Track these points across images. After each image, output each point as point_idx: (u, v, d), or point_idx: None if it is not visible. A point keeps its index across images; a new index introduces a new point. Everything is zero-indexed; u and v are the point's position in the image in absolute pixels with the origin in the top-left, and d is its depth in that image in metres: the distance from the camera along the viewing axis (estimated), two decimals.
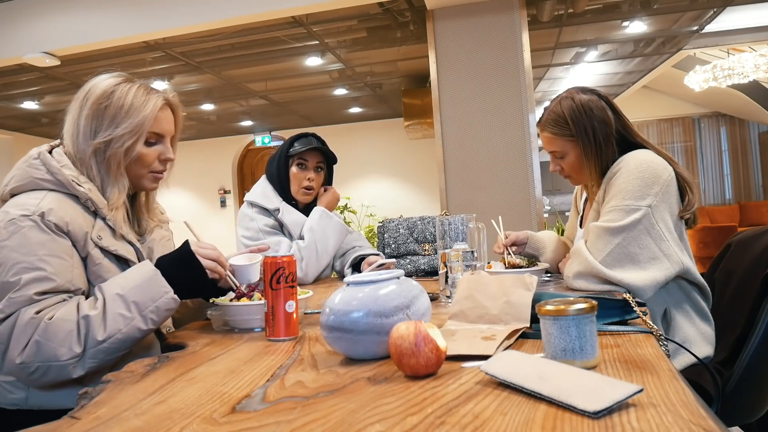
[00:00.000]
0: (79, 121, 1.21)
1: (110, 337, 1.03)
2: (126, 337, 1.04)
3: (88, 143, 1.20)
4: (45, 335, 1.00)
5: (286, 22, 4.82)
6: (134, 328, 1.05)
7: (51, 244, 1.08)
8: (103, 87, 1.22)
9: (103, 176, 1.21)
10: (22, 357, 1.00)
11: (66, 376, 1.02)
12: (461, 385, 0.68)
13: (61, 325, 1.01)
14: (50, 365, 1.00)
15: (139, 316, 1.06)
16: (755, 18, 5.77)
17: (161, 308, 1.08)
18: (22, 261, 1.04)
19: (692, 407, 0.55)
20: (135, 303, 1.06)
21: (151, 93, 1.25)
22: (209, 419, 0.63)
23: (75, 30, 4.47)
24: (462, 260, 1.31)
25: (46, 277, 1.05)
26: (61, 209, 1.12)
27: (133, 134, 1.20)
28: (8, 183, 1.18)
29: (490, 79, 4.09)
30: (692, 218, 1.43)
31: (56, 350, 1.00)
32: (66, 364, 1.00)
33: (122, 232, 1.22)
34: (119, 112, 1.20)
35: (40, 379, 1.02)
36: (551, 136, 1.54)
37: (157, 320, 1.08)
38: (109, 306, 1.04)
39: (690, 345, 1.35)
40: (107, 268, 1.16)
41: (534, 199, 3.99)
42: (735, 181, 10.05)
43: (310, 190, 2.03)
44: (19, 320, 1.01)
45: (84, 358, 1.02)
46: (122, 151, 1.20)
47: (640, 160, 1.40)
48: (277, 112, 8.58)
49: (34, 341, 1.00)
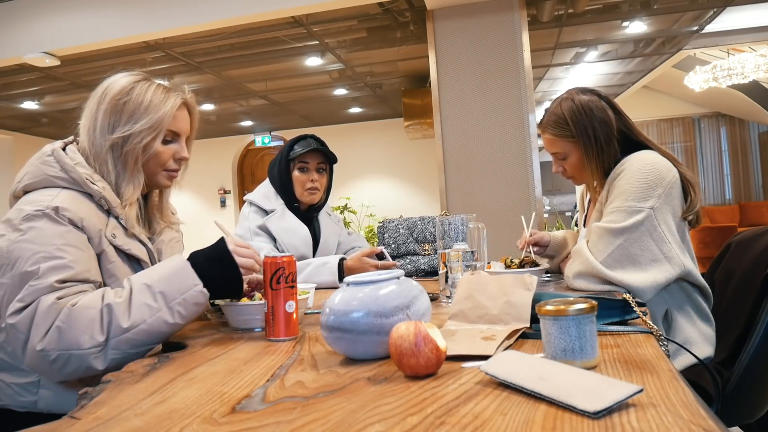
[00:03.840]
0: (97, 115, 1.21)
1: (134, 327, 0.99)
2: (151, 329, 1.01)
3: (105, 138, 1.19)
4: (67, 321, 0.97)
5: (286, 22, 4.82)
6: (160, 320, 1.02)
7: (68, 235, 1.07)
8: (122, 83, 1.22)
9: (119, 172, 1.20)
10: (43, 344, 0.96)
11: (87, 367, 0.98)
12: (461, 385, 0.68)
13: (84, 312, 0.98)
14: (71, 354, 0.97)
15: (165, 307, 1.02)
16: (755, 18, 5.77)
17: (189, 301, 1.04)
18: (40, 251, 1.03)
19: (692, 407, 0.55)
20: (162, 293, 1.03)
21: (170, 92, 1.25)
22: (209, 419, 0.63)
23: (75, 30, 4.47)
24: (462, 260, 1.31)
25: (65, 265, 1.03)
26: (75, 206, 1.11)
27: (152, 131, 1.20)
28: (21, 180, 1.17)
29: (490, 79, 4.09)
30: (695, 218, 1.43)
31: (78, 338, 0.96)
32: (88, 353, 0.97)
33: (134, 231, 1.21)
34: (138, 108, 1.20)
35: (61, 370, 0.98)
36: (552, 138, 1.54)
37: (184, 314, 1.04)
38: (135, 295, 1.01)
39: (690, 346, 1.35)
40: (120, 267, 1.16)
41: (534, 199, 3.99)
42: (735, 181, 10.05)
43: (315, 191, 2.03)
44: (40, 306, 0.98)
45: (106, 348, 0.98)
46: (140, 147, 1.20)
47: (644, 161, 1.40)
48: (277, 112, 8.58)
49: (55, 327, 0.97)
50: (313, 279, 1.78)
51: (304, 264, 1.84)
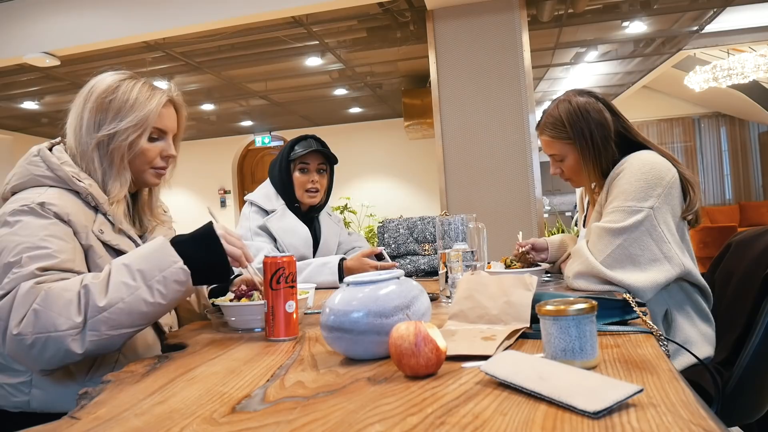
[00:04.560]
0: (83, 114, 1.21)
1: (111, 306, 0.97)
2: (129, 307, 0.98)
3: (91, 136, 1.20)
4: (44, 303, 0.95)
5: (286, 22, 4.82)
6: (139, 298, 0.99)
7: (53, 227, 1.07)
8: (108, 82, 1.23)
9: (105, 169, 1.21)
10: (19, 327, 0.95)
11: (66, 351, 0.96)
12: (461, 386, 0.68)
13: (62, 294, 0.97)
14: (48, 336, 0.94)
15: (144, 285, 1.00)
16: (755, 18, 5.77)
17: (169, 279, 1.01)
18: (23, 242, 1.03)
19: (692, 407, 0.55)
20: (140, 271, 1.00)
21: (156, 90, 1.26)
22: (209, 419, 0.63)
23: (75, 30, 4.47)
24: (462, 260, 1.31)
25: (48, 255, 1.03)
26: (61, 202, 1.12)
27: (137, 128, 1.21)
28: (9, 181, 1.18)
29: (490, 79, 4.10)
30: (694, 218, 1.43)
31: (55, 319, 0.95)
32: (65, 335, 0.95)
33: (122, 227, 1.21)
34: (124, 106, 1.20)
35: (40, 355, 0.96)
36: (549, 140, 1.55)
37: (164, 292, 1.01)
38: (113, 275, 1.00)
39: (690, 346, 1.35)
40: (109, 263, 1.16)
41: (534, 199, 3.99)
42: (735, 181, 10.05)
43: (315, 192, 2.03)
44: (19, 292, 0.97)
45: (84, 330, 0.96)
46: (126, 145, 1.21)
47: (643, 161, 1.40)
48: (277, 112, 8.58)
49: (32, 310, 0.95)
50: (314, 279, 1.78)
51: (304, 264, 1.84)
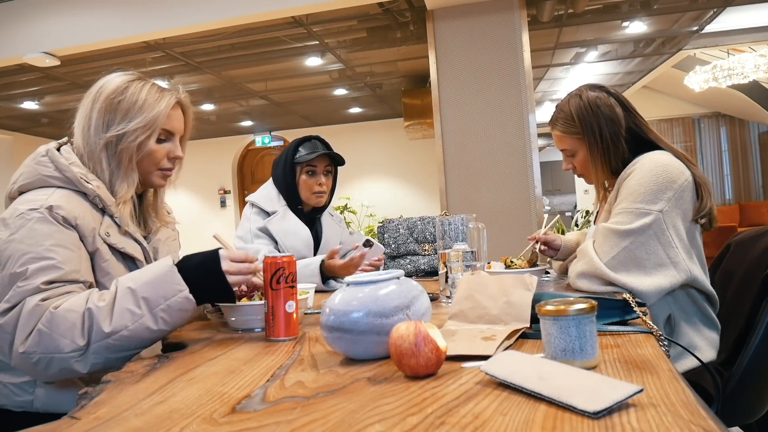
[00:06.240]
0: (92, 114, 1.21)
1: (115, 333, 0.98)
2: (132, 335, 0.99)
3: (99, 136, 1.20)
4: (49, 325, 0.97)
5: (286, 22, 4.82)
6: (142, 326, 1.00)
7: (58, 235, 1.07)
8: (117, 83, 1.23)
9: (113, 170, 1.21)
10: (25, 346, 0.97)
11: (71, 370, 0.98)
12: (461, 386, 0.68)
13: (66, 316, 0.98)
14: (52, 357, 0.97)
15: (149, 314, 1.00)
16: (755, 18, 5.77)
17: (173, 307, 1.02)
18: (29, 251, 1.03)
19: (692, 407, 0.55)
20: (145, 299, 1.01)
21: (164, 91, 1.26)
22: (209, 419, 0.63)
23: (75, 30, 4.47)
24: (462, 260, 1.31)
25: (53, 266, 1.03)
26: (70, 205, 1.11)
27: (146, 129, 1.21)
28: (16, 180, 1.17)
29: (490, 79, 4.09)
30: (708, 221, 1.39)
31: (59, 341, 0.96)
32: (68, 357, 0.97)
33: (128, 229, 1.21)
34: (133, 107, 1.21)
35: (44, 371, 0.98)
36: (560, 135, 1.54)
37: (169, 320, 1.02)
38: (118, 300, 1.00)
39: (693, 351, 1.34)
40: (114, 266, 1.16)
41: (534, 199, 3.99)
42: (735, 182, 10.04)
43: (323, 194, 2.02)
44: (25, 308, 0.98)
45: (87, 353, 0.98)
46: (134, 146, 1.21)
47: (656, 162, 1.36)
48: (277, 112, 8.57)
49: (37, 330, 0.97)
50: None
51: None
